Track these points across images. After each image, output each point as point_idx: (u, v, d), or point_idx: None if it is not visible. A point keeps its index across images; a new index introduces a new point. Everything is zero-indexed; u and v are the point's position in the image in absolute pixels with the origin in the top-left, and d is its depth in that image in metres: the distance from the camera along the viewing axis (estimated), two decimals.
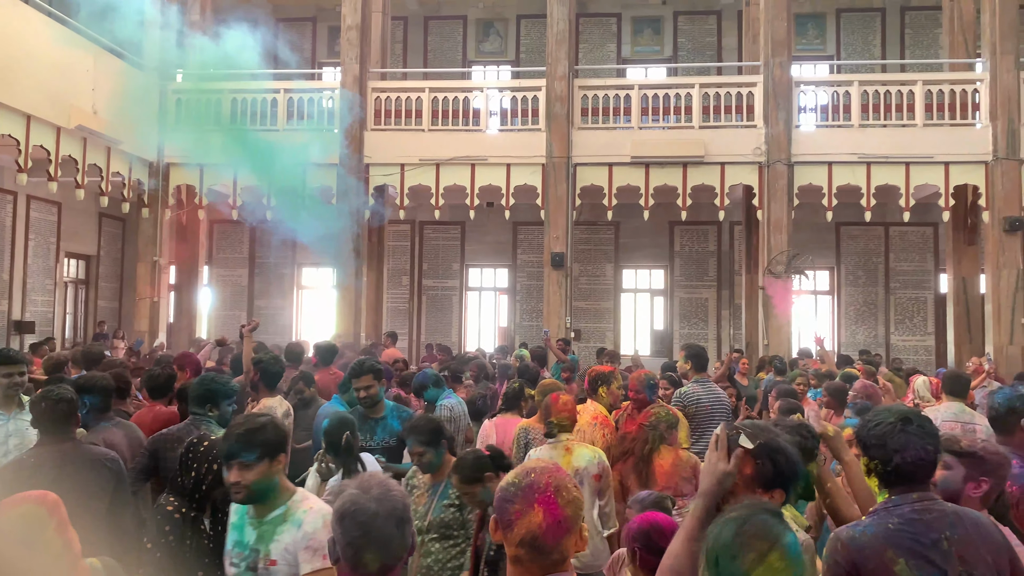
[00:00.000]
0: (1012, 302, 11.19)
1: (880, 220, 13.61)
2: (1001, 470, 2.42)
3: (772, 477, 1.94)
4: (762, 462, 1.93)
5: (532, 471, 1.71)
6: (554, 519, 1.64)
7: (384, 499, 1.82)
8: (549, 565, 1.65)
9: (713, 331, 15.67)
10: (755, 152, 11.49)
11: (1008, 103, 11.02)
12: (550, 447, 4.05)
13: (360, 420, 4.35)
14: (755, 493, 1.92)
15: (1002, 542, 2.09)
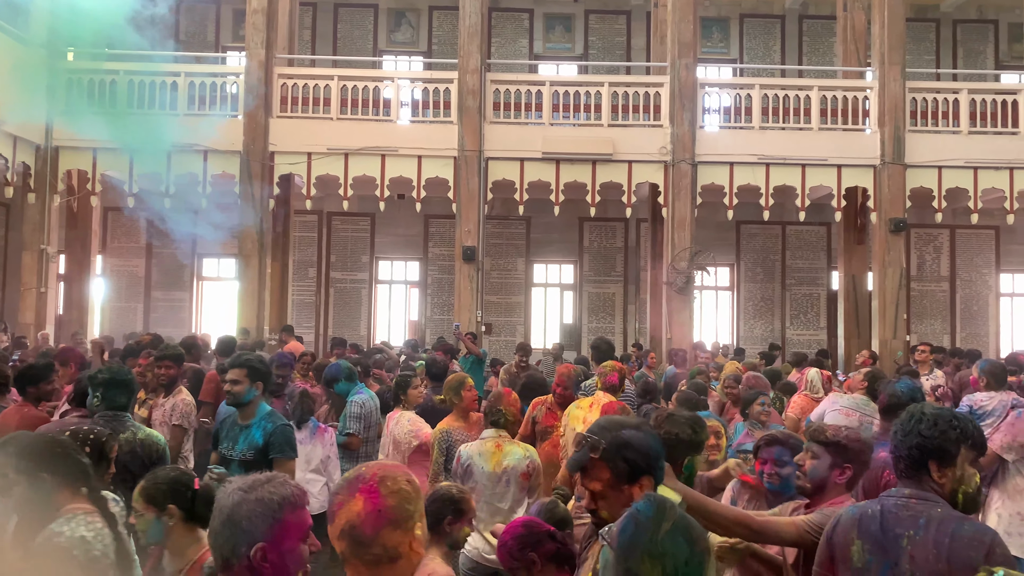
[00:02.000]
0: (896, 298, 11.89)
1: (778, 219, 14.18)
2: (863, 456, 2.59)
3: (630, 471, 1.99)
4: (614, 463, 1.98)
5: (367, 465, 1.66)
6: (373, 507, 1.56)
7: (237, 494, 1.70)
8: (371, 560, 1.57)
9: (620, 325, 16.00)
10: (661, 151, 11.78)
11: (895, 111, 11.67)
12: (480, 443, 4.00)
13: (231, 426, 3.94)
14: (622, 491, 1.97)
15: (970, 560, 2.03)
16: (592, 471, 2.00)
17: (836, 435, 2.61)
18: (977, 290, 16.01)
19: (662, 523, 1.54)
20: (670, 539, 1.52)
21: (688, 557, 1.51)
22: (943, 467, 2.15)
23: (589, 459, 2.00)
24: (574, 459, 2.04)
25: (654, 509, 1.57)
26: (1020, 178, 11.82)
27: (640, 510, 1.57)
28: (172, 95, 11.65)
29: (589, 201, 11.92)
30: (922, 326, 15.72)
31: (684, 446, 2.58)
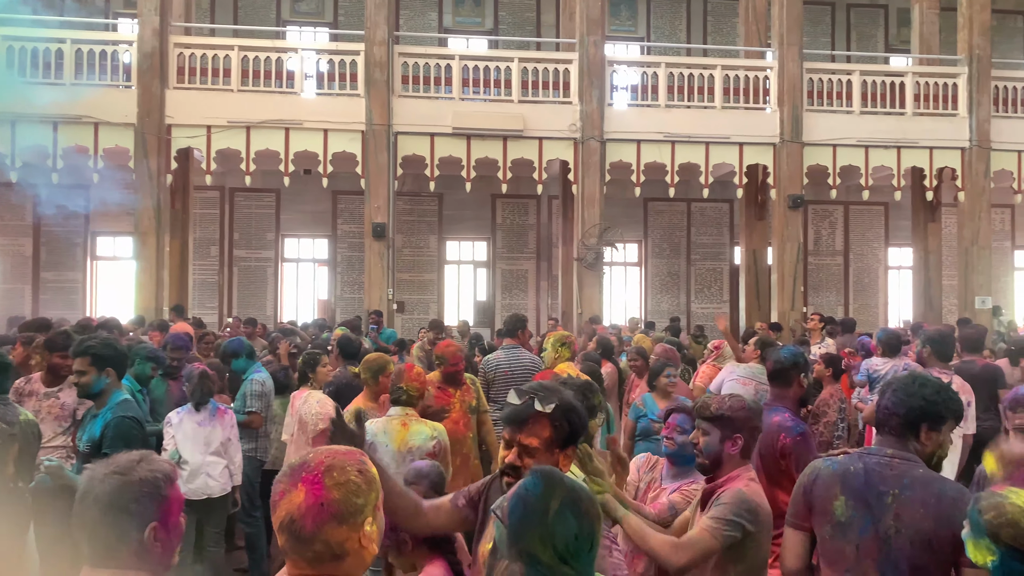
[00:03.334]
0: (794, 272, 12.39)
1: (683, 196, 14.52)
2: (750, 423, 2.62)
3: (568, 436, 2.00)
4: (560, 423, 1.99)
5: (314, 451, 1.53)
6: (315, 500, 1.42)
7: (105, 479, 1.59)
8: (312, 557, 1.43)
9: (533, 301, 16.12)
10: (571, 128, 11.85)
11: (793, 91, 12.08)
12: (385, 420, 3.89)
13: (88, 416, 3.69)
14: (553, 454, 1.97)
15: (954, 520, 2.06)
16: (533, 426, 1.98)
17: (720, 408, 2.63)
18: (868, 263, 16.87)
19: (550, 502, 1.53)
20: (559, 519, 1.51)
21: (577, 531, 1.52)
22: (931, 431, 2.25)
23: (534, 413, 1.97)
24: (515, 410, 2.00)
25: (542, 486, 1.56)
26: (907, 156, 12.46)
27: (528, 488, 1.56)
28: (57, 63, 10.94)
29: (501, 178, 11.90)
30: (818, 298, 16.46)
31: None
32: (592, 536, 1.54)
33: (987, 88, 12.48)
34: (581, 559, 1.51)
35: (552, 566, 1.49)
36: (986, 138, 12.43)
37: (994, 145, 12.49)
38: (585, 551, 1.52)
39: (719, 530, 2.40)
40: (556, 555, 1.49)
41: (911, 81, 12.54)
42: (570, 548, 1.50)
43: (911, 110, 12.45)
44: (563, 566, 1.49)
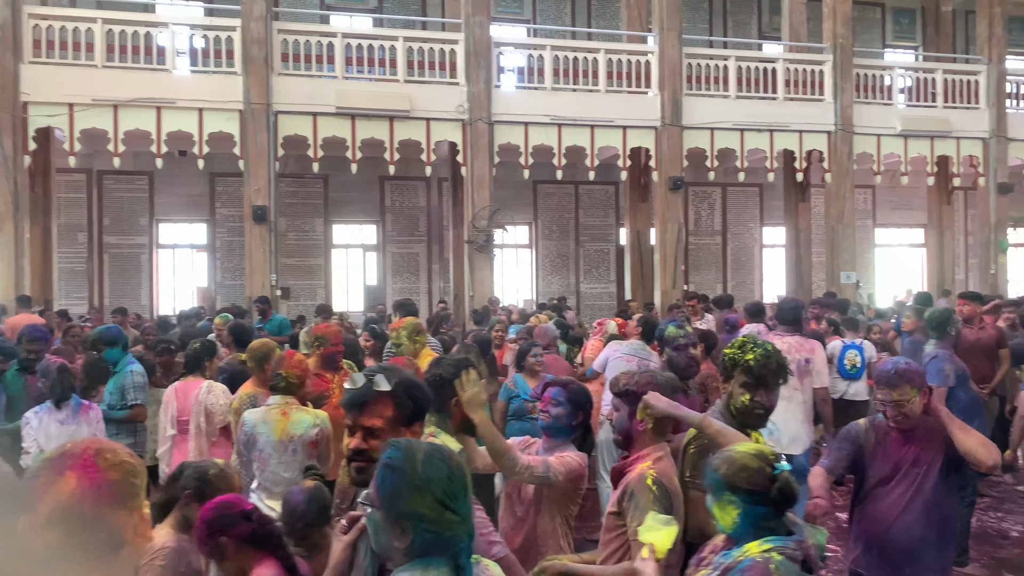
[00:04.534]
0: (675, 252, 12.81)
1: (571, 179, 14.75)
2: None
3: (413, 412, 2.00)
4: (402, 400, 1.97)
5: (71, 442, 1.39)
6: (92, 483, 1.29)
7: None
8: (93, 548, 1.28)
9: (424, 285, 16.01)
10: (458, 109, 11.77)
11: (673, 75, 12.44)
12: (264, 410, 3.78)
13: None
14: (399, 432, 1.95)
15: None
16: (374, 407, 1.95)
17: (628, 383, 2.66)
18: (744, 242, 17.67)
19: (416, 455, 1.51)
20: (428, 466, 1.50)
21: (449, 473, 1.50)
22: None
23: (374, 394, 1.94)
24: (354, 393, 1.96)
25: (402, 448, 1.54)
26: (779, 140, 13.08)
27: (390, 456, 1.54)
28: None
29: (388, 159, 11.69)
30: (699, 276, 17.13)
31: (450, 387, 2.58)
32: (464, 480, 1.52)
33: (850, 75, 13.25)
34: (460, 503, 1.50)
35: (436, 516, 1.47)
36: (849, 123, 13.21)
37: (856, 129, 13.29)
38: (462, 495, 1.51)
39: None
40: (436, 501, 1.47)
41: (782, 67, 13.14)
42: (447, 491, 1.48)
43: (782, 95, 13.07)
44: (446, 512, 1.47)
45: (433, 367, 2.71)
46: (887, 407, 2.97)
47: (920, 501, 2.93)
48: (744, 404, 2.61)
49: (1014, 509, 6.42)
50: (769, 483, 1.85)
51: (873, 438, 3.04)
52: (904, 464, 2.97)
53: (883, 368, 3.03)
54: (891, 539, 2.95)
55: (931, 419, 3.00)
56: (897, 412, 2.95)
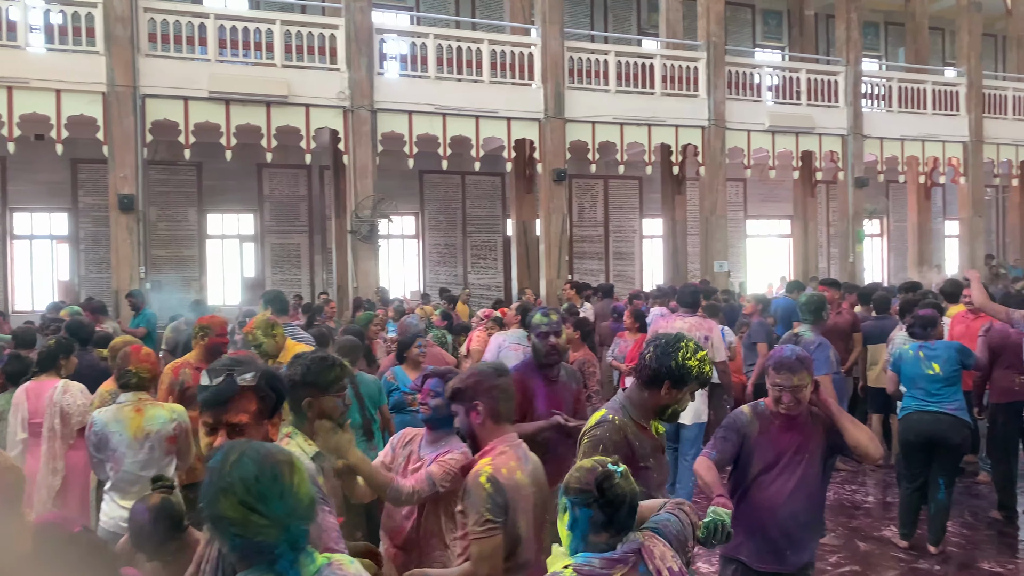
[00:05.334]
0: (560, 242, 13.03)
1: (457, 169, 14.72)
2: (482, 385, 2.60)
3: (275, 404, 1.95)
4: (266, 393, 1.92)
5: None
6: None
7: None
8: None
9: (307, 276, 15.61)
10: (339, 96, 11.50)
11: (555, 68, 12.60)
12: (116, 408, 3.60)
13: None
14: (263, 426, 1.90)
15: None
16: (239, 402, 1.88)
17: (454, 384, 2.65)
18: (625, 233, 18.18)
19: (229, 457, 1.44)
20: (235, 467, 1.42)
21: (257, 473, 1.41)
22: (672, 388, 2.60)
23: (239, 389, 1.87)
24: (216, 390, 1.87)
25: (223, 451, 1.47)
26: (656, 134, 13.50)
27: (212, 461, 1.46)
28: None
29: (265, 146, 11.29)
30: (582, 266, 17.51)
31: (301, 387, 2.50)
32: (279, 482, 1.42)
33: (722, 73, 13.83)
34: (270, 503, 1.40)
35: (239, 518, 1.38)
36: (722, 118, 13.80)
37: (728, 125, 13.90)
38: (274, 495, 1.41)
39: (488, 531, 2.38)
40: (239, 503, 1.38)
41: (659, 63, 13.57)
42: (252, 491, 1.39)
43: (659, 91, 13.49)
44: (252, 514, 1.38)
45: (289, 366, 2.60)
46: (784, 392, 3.00)
47: (803, 488, 3.04)
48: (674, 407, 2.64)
49: (866, 482, 6.92)
50: (597, 482, 1.81)
51: (757, 427, 3.09)
52: (787, 452, 3.05)
53: (782, 354, 3.05)
54: (777, 526, 3.03)
55: (811, 408, 3.10)
56: (793, 398, 3.00)
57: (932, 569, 5.01)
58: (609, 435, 2.56)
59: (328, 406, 2.53)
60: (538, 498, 2.59)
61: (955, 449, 5.16)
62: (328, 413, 2.54)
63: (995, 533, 5.60)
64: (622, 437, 2.56)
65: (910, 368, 5.29)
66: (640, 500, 1.91)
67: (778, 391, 3.02)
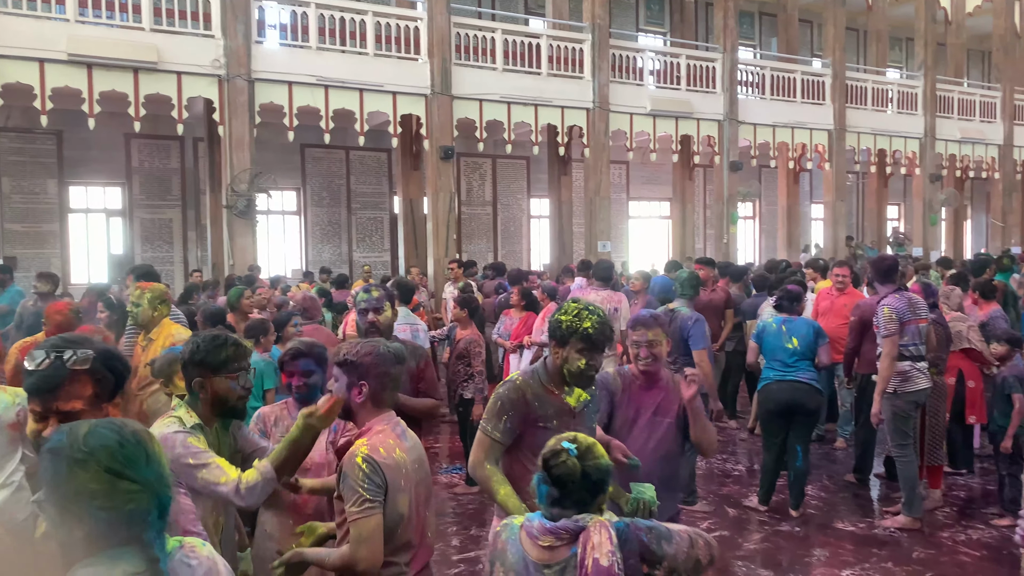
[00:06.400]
0: (447, 221, 12.94)
1: (341, 144, 14.35)
2: (377, 369, 2.50)
3: (115, 386, 1.84)
4: (103, 375, 1.80)
5: None
6: None
7: None
8: None
9: (180, 253, 14.87)
10: (214, 64, 10.94)
11: (442, 44, 12.43)
12: None
13: None
14: (102, 410, 1.78)
15: None
16: (72, 388, 1.74)
17: (348, 353, 2.52)
18: (513, 213, 18.30)
19: (78, 431, 1.33)
20: (91, 436, 1.31)
21: (119, 439, 1.31)
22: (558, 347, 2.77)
23: (70, 373, 1.72)
24: (43, 375, 1.72)
25: (64, 432, 1.35)
26: (543, 114, 13.59)
27: (52, 441, 1.34)
28: None
29: (133, 115, 10.61)
30: (471, 245, 17.50)
31: (191, 367, 2.40)
32: (143, 443, 1.34)
33: (606, 55, 14.05)
34: (139, 467, 1.31)
35: (107, 489, 1.27)
36: (605, 101, 14.04)
37: (612, 107, 14.16)
38: (141, 459, 1.32)
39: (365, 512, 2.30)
40: (105, 470, 1.28)
41: (545, 44, 13.63)
42: (118, 457, 1.29)
43: (546, 71, 13.57)
44: (120, 481, 1.28)
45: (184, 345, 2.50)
46: (641, 348, 3.25)
47: (660, 447, 3.22)
48: (579, 368, 2.69)
49: (736, 451, 7.28)
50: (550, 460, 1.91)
51: (620, 384, 3.31)
52: (645, 411, 3.24)
53: (639, 314, 3.33)
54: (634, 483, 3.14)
55: (675, 377, 3.29)
56: (649, 352, 3.23)
57: (793, 531, 5.33)
58: (507, 393, 2.73)
59: (221, 388, 2.42)
60: (420, 475, 2.54)
61: (811, 416, 5.51)
62: (221, 394, 2.43)
63: (850, 495, 6.02)
64: (520, 396, 2.72)
65: (772, 341, 5.62)
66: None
67: (635, 347, 3.27)
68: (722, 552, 4.95)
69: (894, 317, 5.17)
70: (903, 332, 5.19)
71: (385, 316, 3.57)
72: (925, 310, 5.37)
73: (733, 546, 5.07)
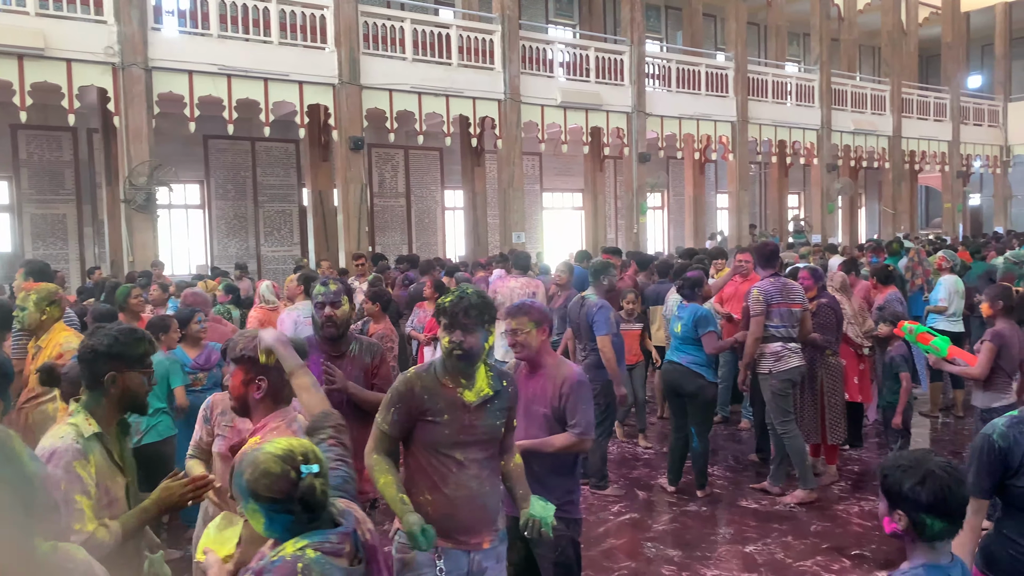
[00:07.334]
0: (359, 213, 12.75)
1: (246, 135, 13.94)
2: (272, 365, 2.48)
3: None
4: None
5: None
6: None
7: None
8: None
9: (75, 250, 14.15)
10: (107, 52, 10.42)
11: (349, 33, 12.20)
12: None
13: None
14: None
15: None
16: None
17: (245, 348, 2.49)
18: (427, 205, 18.18)
19: None
20: None
21: None
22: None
23: None
24: None
25: None
26: (455, 105, 13.52)
27: None
28: None
29: (19, 104, 10.01)
30: (385, 237, 17.31)
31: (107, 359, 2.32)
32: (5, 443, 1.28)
33: (516, 47, 14.10)
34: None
35: None
36: (517, 92, 14.09)
37: (523, 99, 14.22)
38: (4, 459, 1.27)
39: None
40: None
41: (455, 34, 13.56)
42: None
43: (456, 61, 13.50)
44: None
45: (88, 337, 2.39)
46: (508, 335, 3.33)
47: (540, 435, 3.28)
48: (446, 347, 2.64)
49: (647, 436, 7.46)
50: (292, 489, 1.66)
51: (514, 373, 3.37)
52: (524, 400, 3.28)
53: (513, 303, 3.41)
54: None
55: (560, 369, 3.33)
56: (514, 340, 3.29)
57: (700, 511, 5.51)
58: (397, 386, 2.70)
59: (134, 383, 2.36)
60: None
61: (695, 398, 5.68)
62: (133, 390, 2.37)
63: (753, 474, 6.26)
64: (408, 389, 2.67)
65: (670, 326, 5.84)
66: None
67: (508, 335, 3.35)
68: (632, 534, 5.10)
69: (761, 299, 5.53)
70: (771, 314, 5.52)
71: (343, 310, 3.47)
72: (800, 296, 5.68)
73: (643, 528, 5.21)
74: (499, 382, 2.78)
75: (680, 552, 4.80)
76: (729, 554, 4.76)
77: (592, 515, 5.39)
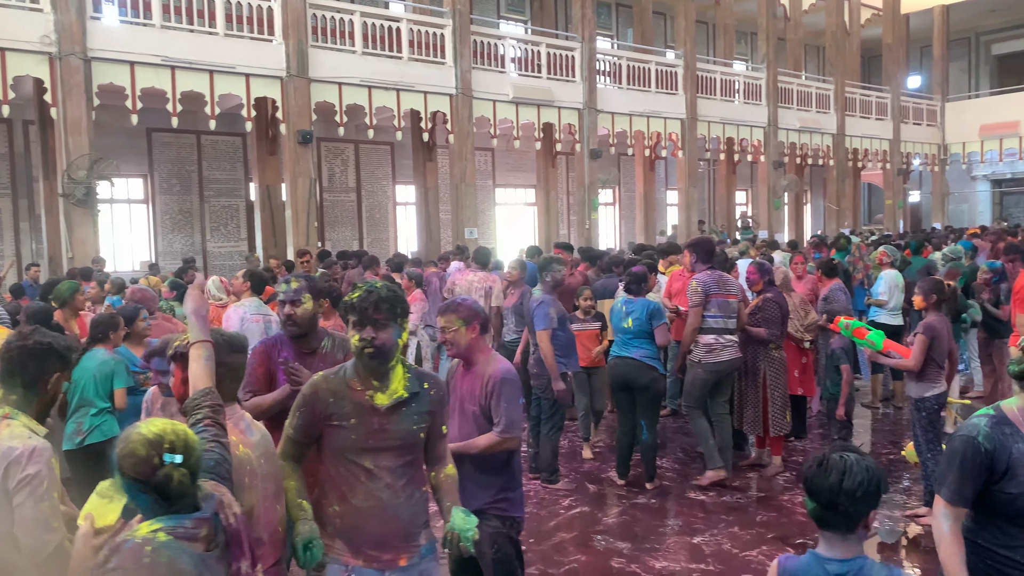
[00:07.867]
0: (307, 208, 12.56)
1: (191, 128, 13.61)
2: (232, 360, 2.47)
3: None
4: None
5: None
6: None
7: None
8: None
9: (11, 246, 13.67)
10: (43, 41, 10.07)
11: (297, 24, 12.00)
12: None
13: None
14: None
15: None
16: None
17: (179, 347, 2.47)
18: (378, 200, 18.01)
19: None
20: None
21: None
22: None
23: None
24: None
25: None
26: (405, 99, 13.42)
27: None
28: None
29: None
30: (335, 233, 17.10)
31: (56, 359, 2.30)
32: None
33: (468, 41, 14.04)
34: None
35: None
36: (468, 87, 14.04)
37: (475, 94, 14.17)
38: None
39: None
40: None
41: (406, 28, 13.45)
42: None
43: (407, 55, 13.39)
44: None
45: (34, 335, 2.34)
46: (438, 333, 3.41)
47: (473, 435, 3.26)
48: (355, 345, 2.50)
49: (599, 429, 7.51)
50: (152, 474, 1.65)
51: (453, 370, 3.44)
52: (459, 397, 3.32)
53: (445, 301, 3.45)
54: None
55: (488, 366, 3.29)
56: (443, 338, 3.32)
57: (649, 503, 5.58)
58: (304, 389, 2.61)
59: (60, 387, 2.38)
60: (268, 469, 2.48)
61: (647, 391, 5.74)
62: (55, 394, 2.38)
63: (701, 466, 6.34)
64: (313, 392, 2.56)
65: (615, 320, 5.89)
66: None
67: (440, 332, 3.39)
68: (582, 527, 5.13)
69: (700, 290, 5.69)
70: (708, 304, 5.67)
71: (303, 308, 3.36)
72: (736, 288, 5.90)
73: (593, 521, 5.25)
74: (418, 383, 2.60)
75: (629, 544, 4.85)
76: (677, 545, 4.83)
77: (543, 509, 5.41)
